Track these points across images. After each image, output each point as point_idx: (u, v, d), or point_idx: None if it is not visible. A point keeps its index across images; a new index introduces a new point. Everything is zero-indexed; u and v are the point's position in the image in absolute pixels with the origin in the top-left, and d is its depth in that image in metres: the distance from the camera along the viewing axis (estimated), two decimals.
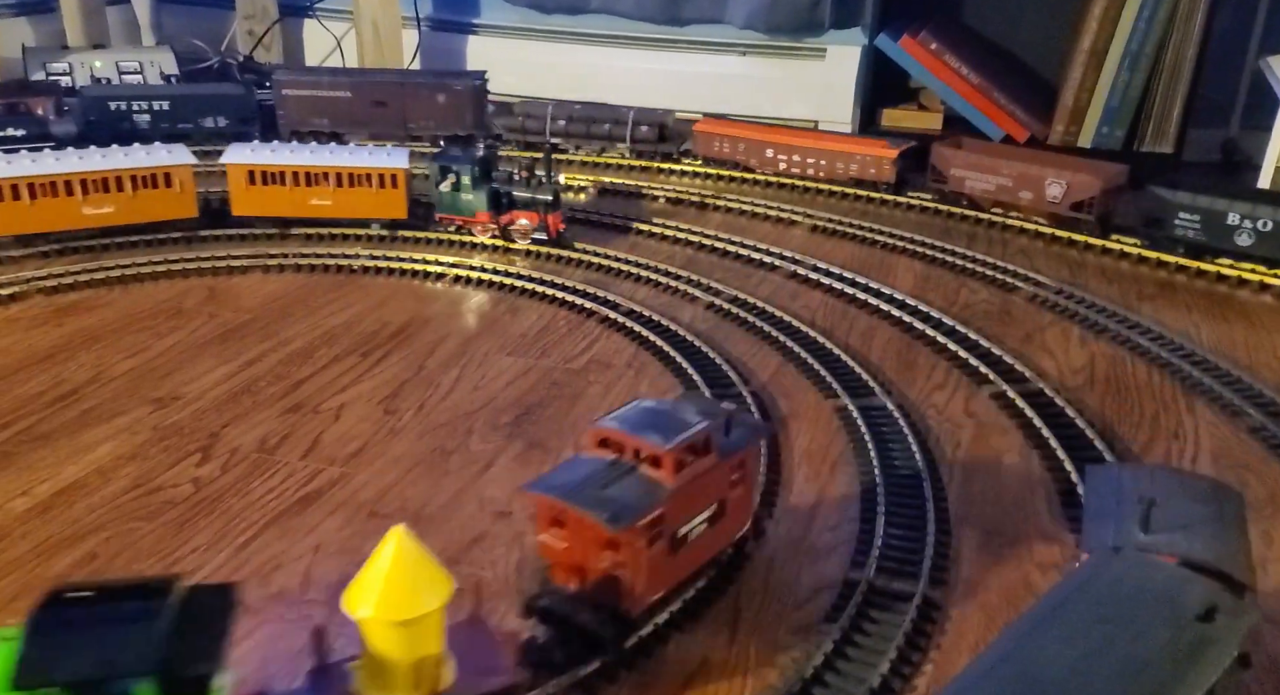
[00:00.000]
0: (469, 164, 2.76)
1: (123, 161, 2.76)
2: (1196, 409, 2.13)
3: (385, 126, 3.62)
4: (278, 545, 1.63)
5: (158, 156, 2.80)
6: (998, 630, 1.46)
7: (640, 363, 2.25)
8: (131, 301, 2.53)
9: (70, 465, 1.86)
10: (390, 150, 2.93)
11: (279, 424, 2.00)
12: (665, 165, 3.60)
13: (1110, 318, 2.48)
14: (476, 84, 3.61)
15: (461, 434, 1.96)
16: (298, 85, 3.62)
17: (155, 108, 3.63)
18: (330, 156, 2.88)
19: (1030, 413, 2.02)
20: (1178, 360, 2.27)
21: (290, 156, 2.86)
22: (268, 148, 2.93)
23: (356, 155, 2.88)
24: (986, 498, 1.77)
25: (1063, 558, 1.63)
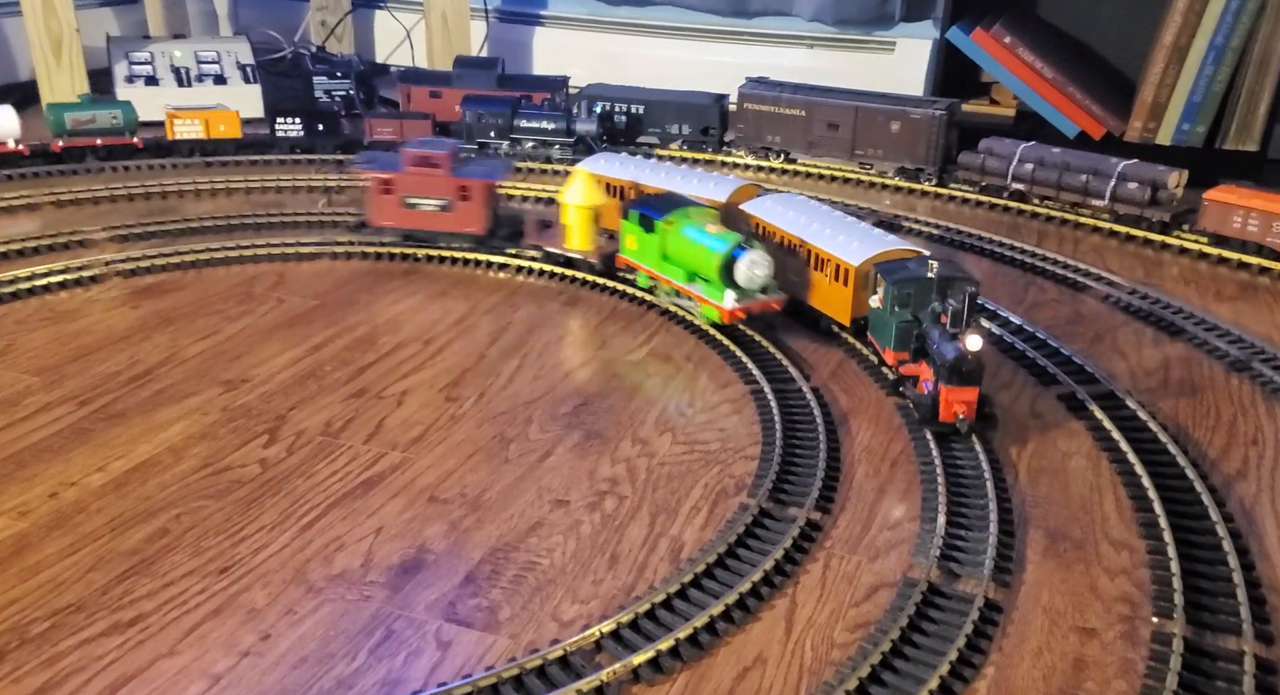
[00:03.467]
0: (924, 287, 2.00)
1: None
2: (1277, 414, 2.06)
3: (833, 150, 3.45)
4: (340, 526, 1.66)
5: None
6: (1062, 636, 1.42)
7: (700, 356, 2.24)
8: (204, 285, 2.60)
9: (144, 443, 1.92)
10: (860, 232, 2.33)
11: (343, 408, 2.04)
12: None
13: (1187, 319, 2.41)
14: (938, 114, 3.26)
15: (521, 423, 1.98)
16: (759, 100, 3.52)
17: (632, 111, 3.70)
18: (806, 225, 2.41)
19: (1100, 414, 1.97)
20: (1258, 363, 2.19)
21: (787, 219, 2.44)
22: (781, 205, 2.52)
23: (823, 229, 2.37)
24: (1053, 500, 1.73)
25: (1132, 563, 1.58)
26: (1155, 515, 1.65)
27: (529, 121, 3.53)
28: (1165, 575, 1.52)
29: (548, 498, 1.74)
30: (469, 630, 1.43)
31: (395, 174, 2.67)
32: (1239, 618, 1.43)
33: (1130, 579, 1.55)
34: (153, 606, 1.49)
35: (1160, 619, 1.45)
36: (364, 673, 1.36)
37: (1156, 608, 1.48)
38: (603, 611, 1.46)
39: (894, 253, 2.19)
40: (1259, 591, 1.51)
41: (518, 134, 3.53)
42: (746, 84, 3.61)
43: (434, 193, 2.66)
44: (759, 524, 1.65)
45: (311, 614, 1.46)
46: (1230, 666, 1.35)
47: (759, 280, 2.20)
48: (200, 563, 1.58)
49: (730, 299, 2.21)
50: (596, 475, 1.80)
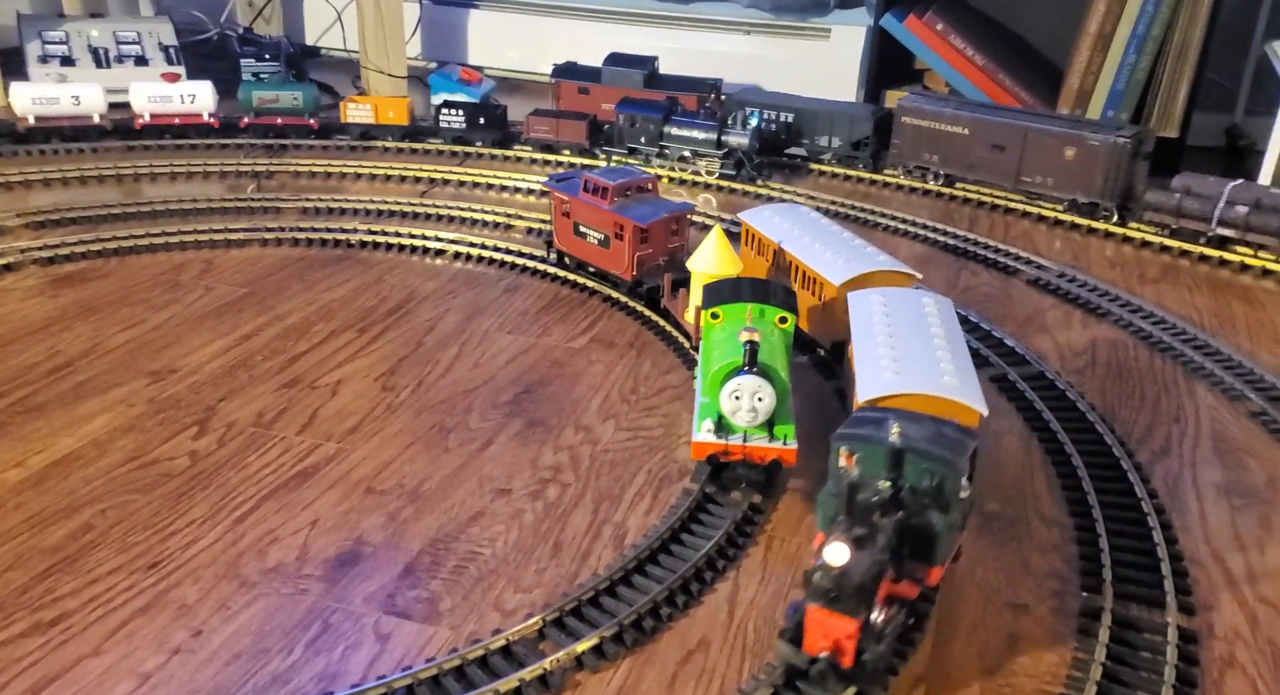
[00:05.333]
0: (874, 454, 1.35)
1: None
2: (1198, 392, 2.13)
3: (996, 175, 3.09)
4: (274, 519, 1.62)
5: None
6: (996, 612, 1.46)
7: (642, 343, 2.24)
8: (128, 273, 2.52)
9: (65, 437, 1.85)
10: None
11: (275, 399, 1.99)
12: None
13: (1113, 302, 2.48)
14: (1122, 141, 2.86)
15: (461, 411, 1.95)
16: (919, 114, 3.20)
17: (781, 119, 3.43)
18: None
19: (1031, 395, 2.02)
20: (1179, 344, 2.26)
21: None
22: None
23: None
24: (986, 480, 1.77)
25: (1062, 540, 1.63)
26: (1084, 492, 1.70)
27: (679, 129, 3.26)
28: (1093, 551, 1.57)
29: (489, 487, 1.72)
30: (409, 622, 1.41)
31: (570, 198, 2.46)
32: (1163, 590, 1.48)
33: (1060, 555, 1.59)
34: (76, 604, 1.44)
35: (1089, 593, 1.50)
36: (300, 667, 1.33)
37: (1085, 582, 1.52)
38: (546, 600, 1.45)
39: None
40: (1181, 564, 1.56)
41: (668, 141, 3.28)
42: (908, 96, 3.28)
43: (596, 225, 2.42)
44: (702, 508, 1.65)
45: (245, 609, 1.43)
46: (1155, 637, 1.40)
47: (742, 419, 1.65)
48: (127, 559, 1.53)
49: (704, 428, 1.68)
50: (539, 463, 1.79)
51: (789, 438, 1.68)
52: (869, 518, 1.25)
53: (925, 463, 1.30)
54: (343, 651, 1.36)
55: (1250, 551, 1.62)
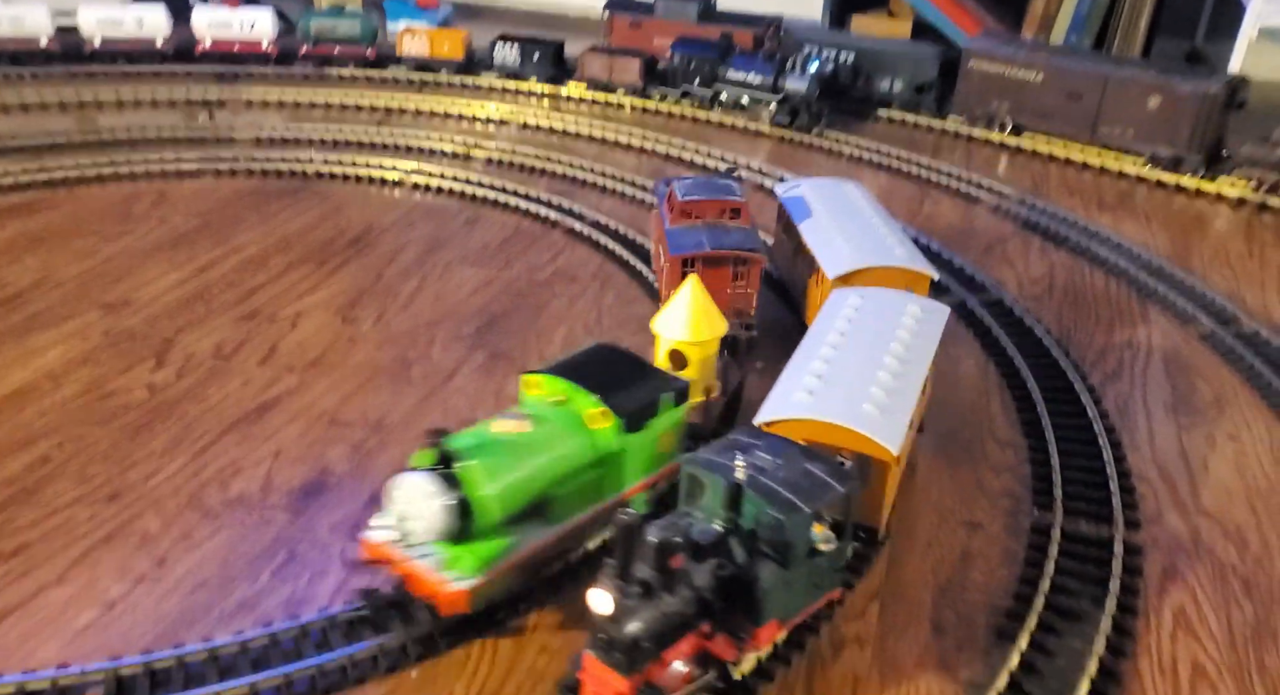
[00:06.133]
0: (713, 488, 1.20)
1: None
2: (1151, 316, 2.17)
3: (1070, 125, 2.86)
4: (237, 451, 1.61)
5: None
6: (951, 530, 1.50)
7: (606, 274, 2.23)
8: (78, 204, 2.45)
9: (18, 370, 1.82)
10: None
11: (234, 331, 1.97)
12: None
13: (1071, 228, 2.50)
14: (1213, 90, 2.63)
15: (423, 344, 1.94)
16: (989, 57, 2.95)
17: (843, 59, 3.15)
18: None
19: (990, 320, 2.05)
20: (1135, 269, 2.30)
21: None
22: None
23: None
24: (944, 404, 1.80)
25: (1016, 461, 1.67)
26: (1038, 415, 1.74)
27: (735, 72, 3.05)
28: (1045, 471, 1.61)
29: (454, 418, 1.72)
30: None
31: (656, 213, 2.14)
32: (1110, 506, 1.53)
33: (1014, 475, 1.63)
34: (37, 535, 1.43)
35: (1040, 511, 1.54)
36: (267, 594, 1.34)
37: (1037, 500, 1.56)
38: None
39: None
40: (1129, 481, 1.61)
41: (723, 85, 3.09)
42: (978, 38, 3.05)
43: (657, 245, 2.11)
44: None
45: (210, 539, 1.43)
46: (1102, 551, 1.44)
47: (404, 525, 1.22)
48: (87, 490, 1.52)
49: (373, 530, 1.26)
50: (504, 395, 1.79)
51: (473, 568, 1.21)
52: (665, 562, 1.06)
53: (766, 507, 1.13)
54: (309, 579, 1.37)
55: (1195, 468, 1.67)
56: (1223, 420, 1.82)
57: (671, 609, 1.07)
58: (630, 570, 1.05)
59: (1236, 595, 1.41)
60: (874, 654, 1.27)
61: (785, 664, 1.24)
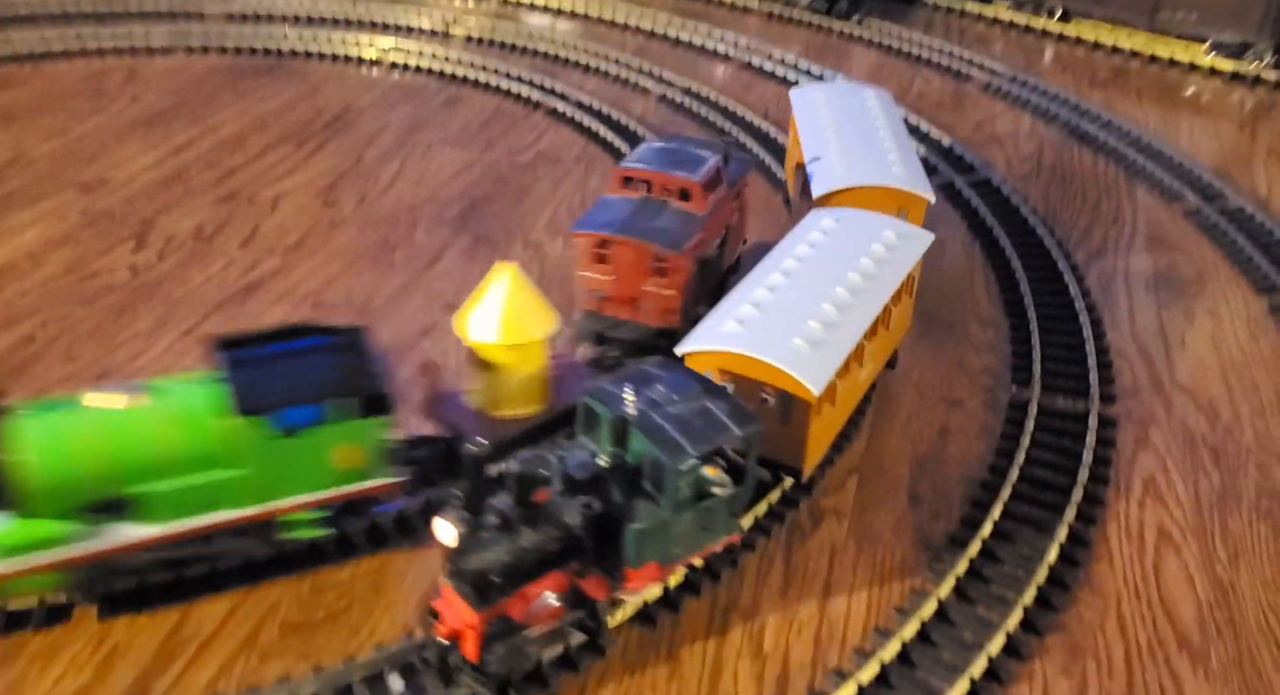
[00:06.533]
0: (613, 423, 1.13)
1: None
2: (1137, 194, 2.17)
3: (1125, 9, 2.61)
4: (222, 332, 1.61)
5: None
6: (930, 407, 1.53)
7: (590, 157, 2.20)
8: (46, 81, 2.37)
9: None
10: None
11: (214, 213, 1.94)
12: None
13: (1063, 105, 2.48)
14: None
15: (406, 227, 1.92)
16: None
17: None
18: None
19: (976, 201, 2.05)
20: (1123, 147, 2.29)
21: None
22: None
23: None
24: (928, 285, 1.81)
25: (998, 339, 1.69)
26: (1021, 294, 1.76)
27: None
28: (1026, 349, 1.64)
29: (439, 302, 1.72)
30: None
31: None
32: (1088, 382, 1.56)
33: (995, 353, 1.66)
34: None
35: (1018, 387, 1.57)
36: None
37: (1016, 377, 1.59)
38: None
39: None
40: (1107, 357, 1.64)
41: None
42: None
43: None
44: None
45: None
46: (1077, 425, 1.48)
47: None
48: (75, 369, 1.52)
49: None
50: None
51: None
52: (527, 495, 1.01)
53: (650, 445, 1.06)
54: None
55: (1173, 343, 1.70)
56: (1203, 296, 1.84)
57: (530, 544, 1.01)
58: (483, 502, 0.99)
59: (1205, 464, 1.46)
60: (851, 525, 1.31)
61: (765, 534, 1.28)
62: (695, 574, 1.21)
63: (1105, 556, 1.29)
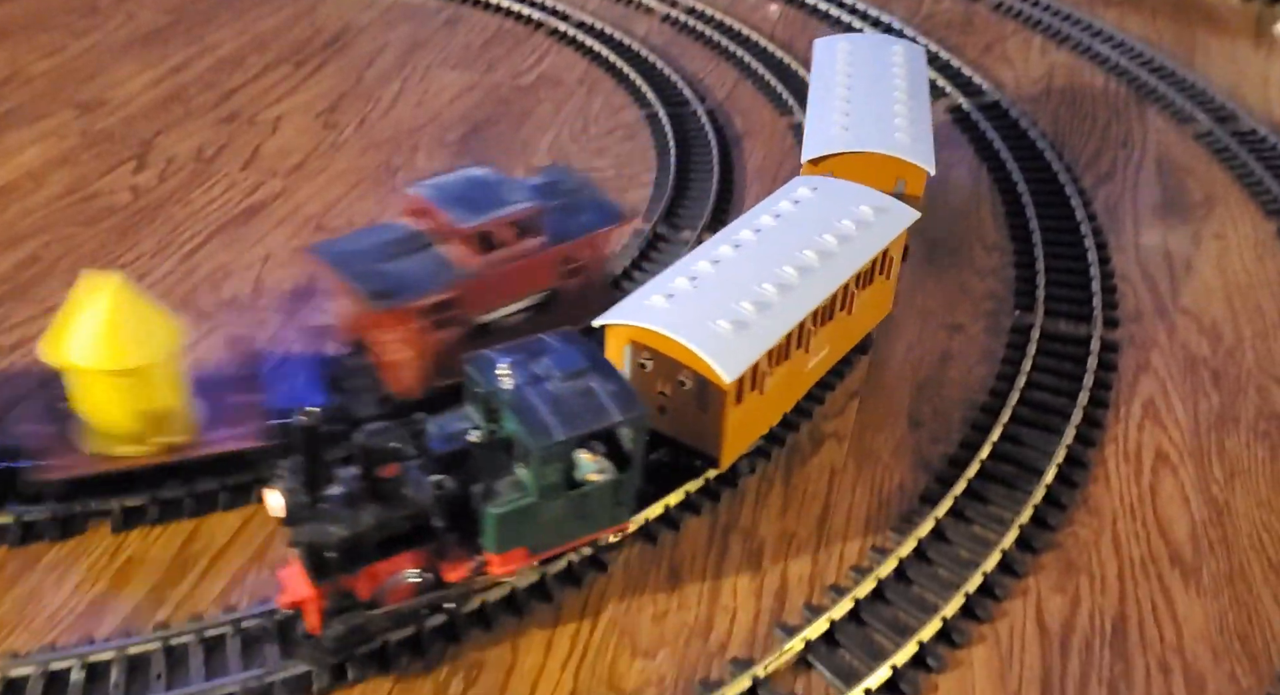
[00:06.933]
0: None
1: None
2: (1148, 116, 2.15)
3: None
4: (225, 254, 1.61)
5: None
6: (932, 332, 1.53)
7: (592, 79, 2.16)
8: None
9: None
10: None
11: (214, 134, 1.92)
12: None
13: (1074, 25, 2.42)
14: None
15: (407, 151, 1.90)
16: None
17: None
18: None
19: (985, 125, 2.02)
20: (1135, 68, 2.25)
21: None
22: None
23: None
24: (933, 211, 1.80)
25: (1002, 264, 1.69)
26: (1026, 218, 1.75)
27: None
28: (1030, 273, 1.63)
29: None
30: None
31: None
32: (1091, 306, 1.56)
33: (999, 278, 1.65)
34: (34, 332, 1.44)
35: (1021, 311, 1.57)
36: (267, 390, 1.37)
37: (1019, 302, 1.59)
38: None
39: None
40: (1111, 281, 1.64)
41: None
42: None
43: None
44: (653, 247, 1.67)
45: (204, 339, 1.45)
46: (1079, 349, 1.48)
47: None
48: None
49: None
50: None
51: None
52: (372, 469, 0.95)
53: (518, 425, 1.00)
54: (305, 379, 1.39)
55: (1178, 267, 1.70)
56: (1210, 220, 1.83)
57: (374, 520, 0.95)
58: (320, 472, 0.94)
59: (1205, 386, 1.47)
60: (851, 447, 1.33)
61: (765, 457, 1.29)
62: (695, 495, 1.22)
63: (1102, 478, 1.31)
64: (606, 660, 1.05)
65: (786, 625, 1.08)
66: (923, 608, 1.10)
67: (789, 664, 1.04)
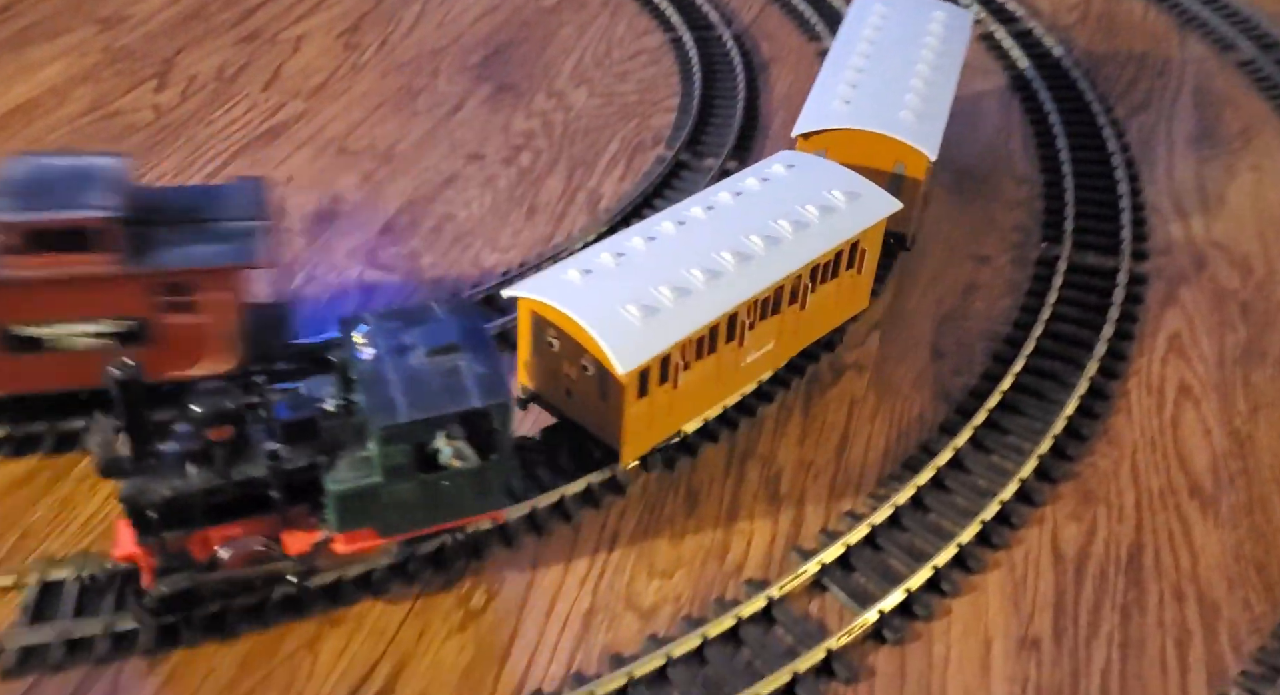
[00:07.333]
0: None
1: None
2: (1188, 44, 2.09)
3: None
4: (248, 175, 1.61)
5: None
6: (957, 264, 1.51)
7: (616, 2, 2.12)
8: None
9: (20, 84, 1.78)
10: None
11: (235, 53, 1.90)
12: None
13: None
14: None
15: (428, 73, 1.88)
16: None
17: None
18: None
19: (1017, 53, 1.97)
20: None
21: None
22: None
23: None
24: (962, 141, 1.77)
25: (1030, 196, 1.66)
26: (1057, 149, 1.71)
27: None
28: (1059, 205, 1.61)
29: (461, 152, 1.70)
30: (391, 274, 1.45)
31: None
32: (1120, 239, 1.54)
33: (1027, 210, 1.63)
34: None
35: (1048, 244, 1.55)
36: None
37: (1047, 234, 1.57)
38: (522, 259, 1.48)
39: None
40: (1142, 214, 1.61)
41: None
42: None
43: None
44: (675, 174, 1.65)
45: None
46: (1106, 281, 1.47)
47: None
48: None
49: None
50: (510, 129, 1.76)
51: None
52: (202, 432, 0.91)
53: (364, 400, 0.94)
54: (330, 299, 1.40)
55: (1210, 200, 1.67)
56: (1247, 152, 1.79)
57: (200, 485, 0.91)
58: (143, 427, 0.90)
59: (1233, 319, 1.45)
60: (872, 378, 1.33)
61: (785, 387, 1.29)
62: (712, 423, 1.23)
63: (1124, 409, 1.30)
64: (624, 579, 1.07)
65: (802, 549, 1.09)
66: (939, 534, 1.11)
67: (804, 586, 1.06)
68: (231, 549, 0.95)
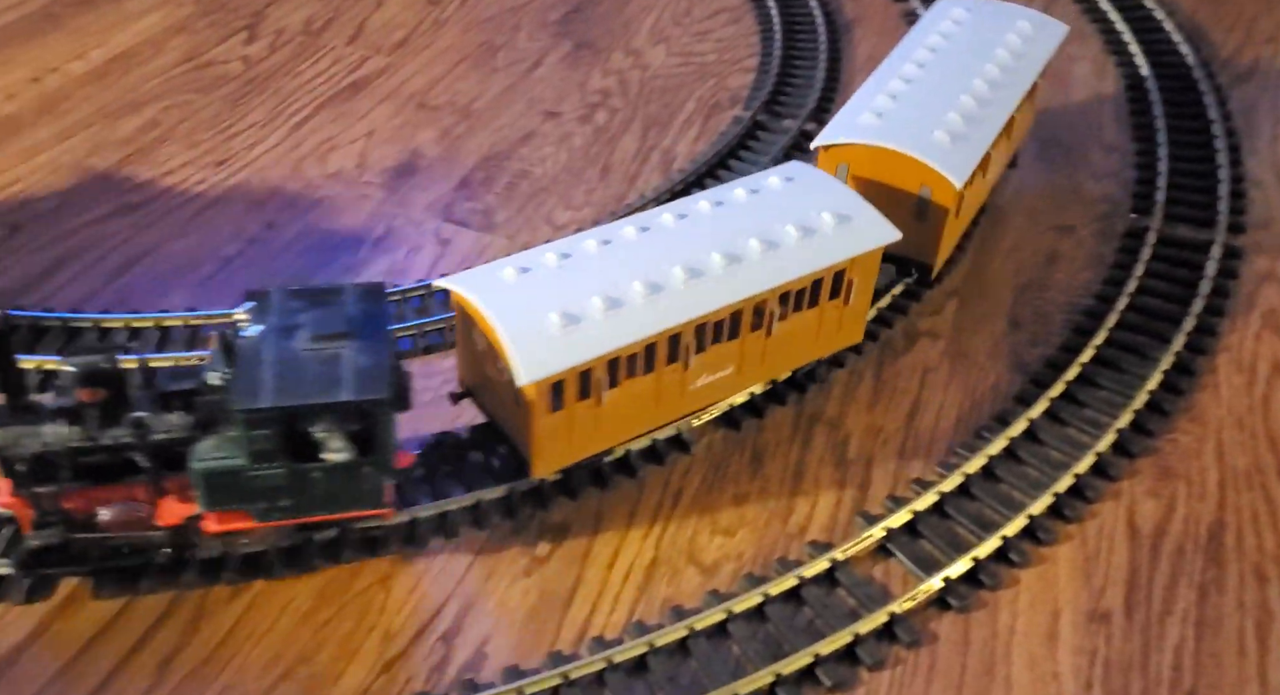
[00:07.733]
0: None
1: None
2: None
3: None
4: (331, 128, 1.64)
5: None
6: (1039, 234, 1.47)
7: None
8: None
9: (119, 33, 1.84)
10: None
11: (322, 7, 1.93)
12: None
13: None
14: None
15: (509, 29, 1.89)
16: None
17: None
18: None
19: (1114, 15, 1.90)
20: None
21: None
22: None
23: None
24: (1050, 108, 1.71)
25: (1121, 166, 1.60)
26: (1153, 117, 1.65)
27: None
28: (1150, 175, 1.55)
29: (538, 108, 1.70)
30: (466, 230, 1.47)
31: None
32: (1215, 211, 1.48)
33: (1116, 181, 1.58)
34: (155, 192, 1.51)
35: (1138, 215, 1.50)
36: (370, 262, 1.41)
37: (1136, 206, 1.52)
38: (595, 217, 1.49)
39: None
40: (1241, 186, 1.55)
41: None
42: None
43: None
44: (752, 135, 1.63)
45: (313, 208, 1.49)
46: (1198, 255, 1.42)
47: None
48: (196, 154, 1.58)
49: None
50: (588, 87, 1.75)
51: None
52: (69, 389, 0.89)
53: (235, 381, 0.90)
54: (407, 252, 1.43)
55: None
56: None
57: (68, 444, 0.90)
58: (15, 381, 0.89)
59: None
60: (946, 346, 1.30)
61: (856, 352, 1.27)
62: (780, 385, 1.22)
63: (1211, 386, 1.26)
64: (687, 534, 1.07)
65: (868, 514, 1.09)
66: (1009, 505, 1.09)
67: (868, 550, 1.06)
68: (112, 511, 0.93)
